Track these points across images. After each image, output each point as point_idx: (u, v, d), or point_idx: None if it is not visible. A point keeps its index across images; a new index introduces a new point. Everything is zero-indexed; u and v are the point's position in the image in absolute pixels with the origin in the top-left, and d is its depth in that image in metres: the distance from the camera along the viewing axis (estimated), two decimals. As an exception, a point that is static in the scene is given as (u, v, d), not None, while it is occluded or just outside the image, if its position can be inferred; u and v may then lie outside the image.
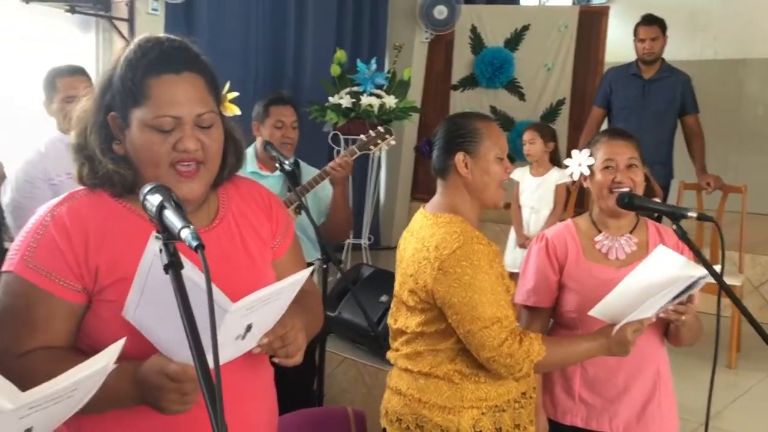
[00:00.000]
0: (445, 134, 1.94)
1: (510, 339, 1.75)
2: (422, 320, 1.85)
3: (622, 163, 2.03)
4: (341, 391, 3.61)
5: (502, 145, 1.91)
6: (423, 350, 1.87)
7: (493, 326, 1.74)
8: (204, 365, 0.88)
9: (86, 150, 1.34)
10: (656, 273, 1.73)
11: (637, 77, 4.45)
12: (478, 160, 1.88)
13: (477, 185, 1.89)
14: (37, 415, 0.91)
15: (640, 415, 2.05)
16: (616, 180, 2.02)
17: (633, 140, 2.08)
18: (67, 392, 0.93)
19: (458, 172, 1.89)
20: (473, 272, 1.75)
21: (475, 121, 1.92)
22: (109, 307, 1.26)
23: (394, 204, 6.37)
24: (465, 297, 1.74)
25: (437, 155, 1.95)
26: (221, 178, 1.44)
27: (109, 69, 1.35)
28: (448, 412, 1.83)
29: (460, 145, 1.89)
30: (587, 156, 2.09)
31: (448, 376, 1.84)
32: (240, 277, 1.38)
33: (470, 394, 1.83)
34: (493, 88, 6.43)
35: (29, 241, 1.29)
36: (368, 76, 5.01)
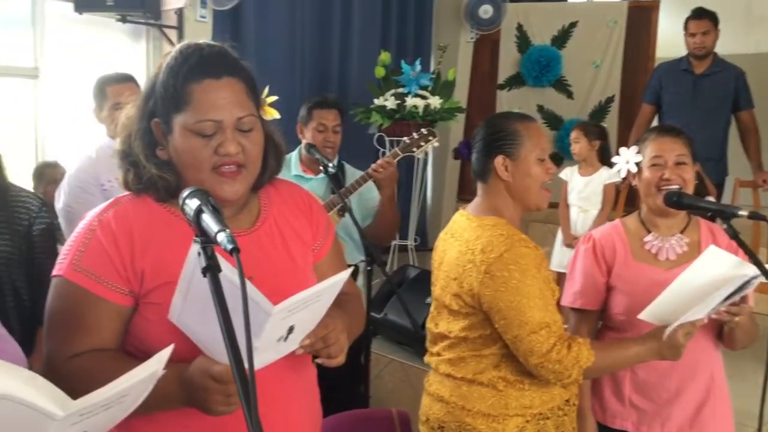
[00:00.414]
0: (484, 137, 1.91)
1: (559, 345, 1.72)
2: (466, 325, 1.83)
3: (670, 160, 1.98)
4: (388, 392, 3.61)
5: (543, 145, 1.87)
6: (466, 355, 1.84)
7: (541, 331, 1.71)
8: (240, 366, 0.89)
9: (131, 156, 1.38)
10: (708, 273, 1.68)
11: (688, 72, 4.34)
12: (519, 162, 1.85)
13: (518, 188, 1.86)
14: (88, 421, 0.93)
15: (693, 420, 1.99)
16: (665, 177, 1.97)
17: (683, 137, 2.02)
18: (118, 398, 0.95)
19: (498, 176, 1.86)
20: (521, 276, 1.72)
21: (515, 122, 1.88)
22: (155, 310, 1.29)
23: (440, 205, 6.35)
24: (513, 301, 1.71)
25: (477, 158, 1.93)
26: (262, 181, 1.46)
27: (153, 76, 1.38)
28: (492, 419, 1.80)
29: (500, 148, 1.86)
30: (635, 153, 2.04)
31: (492, 383, 1.82)
32: (282, 279, 1.39)
33: (515, 401, 1.81)
34: (540, 87, 6.35)
35: (78, 246, 1.32)
36: (413, 78, 5.00)
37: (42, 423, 0.87)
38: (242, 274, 0.92)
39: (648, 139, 2.05)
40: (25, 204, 2.58)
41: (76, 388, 1.22)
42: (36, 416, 0.86)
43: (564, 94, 6.35)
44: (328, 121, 3.05)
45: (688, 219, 2.07)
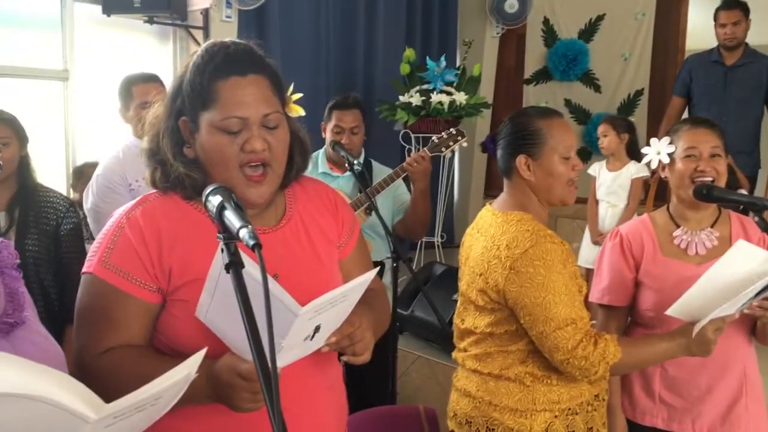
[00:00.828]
0: (507, 135, 1.90)
1: (585, 341, 1.70)
2: (492, 320, 1.82)
3: (705, 152, 1.95)
4: (415, 389, 3.60)
5: (567, 143, 1.83)
6: (493, 351, 1.84)
7: (567, 327, 1.70)
8: (263, 364, 0.89)
9: (158, 155, 1.39)
10: (737, 268, 1.65)
11: (718, 64, 4.26)
12: (541, 162, 1.82)
13: (541, 187, 1.84)
14: (122, 423, 0.94)
15: (725, 417, 1.96)
16: (699, 169, 1.93)
17: (717, 129, 1.99)
18: (151, 401, 0.96)
19: (521, 175, 1.85)
20: (546, 272, 1.70)
21: (537, 120, 1.85)
22: (183, 307, 1.31)
23: (467, 201, 6.32)
24: (538, 297, 1.70)
25: (501, 156, 1.91)
26: (288, 178, 1.46)
27: (179, 75, 1.40)
28: (519, 415, 1.79)
29: (522, 148, 1.84)
30: (667, 144, 2.01)
31: (519, 378, 1.80)
32: (308, 276, 1.40)
33: (542, 396, 1.79)
34: (568, 81, 6.28)
35: (107, 243, 1.34)
36: (438, 74, 4.98)
37: (75, 425, 0.88)
38: (264, 270, 0.92)
39: (681, 130, 2.01)
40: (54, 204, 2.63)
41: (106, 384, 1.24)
42: (70, 419, 0.86)
43: (592, 87, 6.28)
44: (344, 123, 3.03)
45: (719, 212, 2.03)
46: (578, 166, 1.85)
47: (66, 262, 2.57)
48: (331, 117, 3.07)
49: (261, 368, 0.88)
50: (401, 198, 3.10)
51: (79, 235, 2.70)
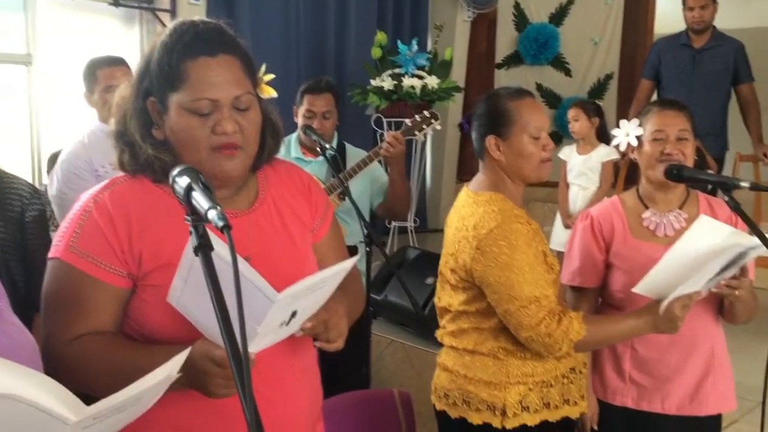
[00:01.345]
0: (479, 116, 1.91)
1: (548, 318, 1.73)
2: (464, 299, 1.85)
3: (672, 135, 1.96)
4: (389, 374, 3.61)
5: (537, 123, 1.84)
6: (467, 328, 1.87)
7: (530, 306, 1.72)
8: (234, 348, 0.88)
9: (126, 136, 1.35)
10: (701, 244, 1.67)
11: (687, 47, 4.29)
12: (510, 142, 1.84)
13: (512, 166, 1.86)
14: (101, 424, 0.92)
15: (693, 395, 1.99)
16: (666, 152, 1.94)
17: (685, 111, 2.00)
18: (132, 401, 0.94)
19: (492, 156, 1.86)
20: (510, 251, 1.73)
21: (507, 101, 1.86)
22: (154, 292, 1.28)
23: (440, 186, 6.32)
24: (502, 276, 1.73)
25: (474, 137, 1.93)
26: (260, 161, 1.44)
27: (147, 54, 1.36)
28: (494, 387, 1.82)
29: (491, 128, 1.86)
30: (636, 126, 2.02)
31: (492, 353, 1.84)
32: (281, 260, 1.38)
33: (516, 369, 1.82)
34: (539, 65, 6.32)
35: (74, 228, 1.30)
36: (409, 57, 4.96)
37: (54, 427, 0.86)
38: (233, 251, 0.90)
39: (650, 113, 2.02)
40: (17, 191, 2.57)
41: (76, 372, 1.22)
42: (49, 421, 0.85)
43: (562, 71, 6.32)
44: (316, 108, 2.98)
45: (687, 194, 2.04)
46: (549, 146, 1.86)
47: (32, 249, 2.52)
48: (303, 101, 3.02)
49: (232, 353, 0.87)
50: (379, 180, 3.08)
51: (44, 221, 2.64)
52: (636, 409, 2.02)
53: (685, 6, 4.27)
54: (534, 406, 1.82)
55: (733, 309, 1.92)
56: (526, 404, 1.81)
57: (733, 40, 4.27)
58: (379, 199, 3.05)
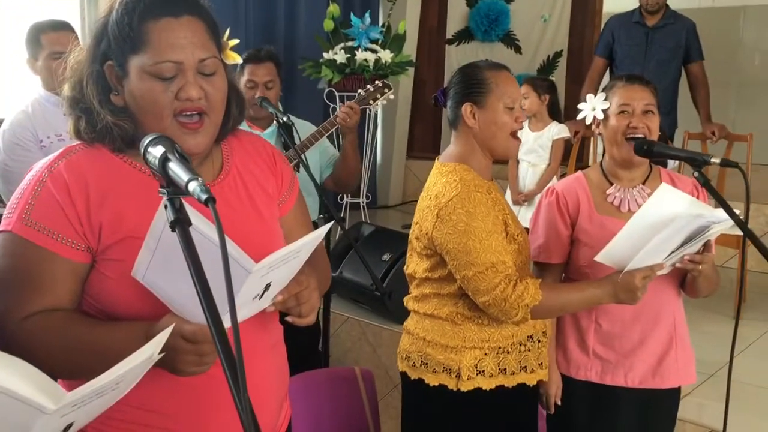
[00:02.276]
0: (455, 85, 1.95)
1: (503, 283, 1.77)
2: (428, 266, 1.90)
3: (638, 109, 1.96)
4: (345, 351, 3.58)
5: (511, 94, 1.89)
6: (429, 293, 1.93)
7: (487, 271, 1.77)
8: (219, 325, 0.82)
9: (82, 103, 1.27)
10: (660, 212, 1.68)
11: (640, 25, 4.33)
12: (486, 110, 1.88)
13: (485, 135, 1.89)
14: (80, 410, 0.88)
15: (656, 368, 2.02)
16: (632, 125, 1.95)
17: (650, 86, 2.02)
18: (111, 386, 0.90)
19: (467, 123, 1.89)
20: (468, 219, 1.78)
21: (485, 70, 1.91)
22: (115, 267, 1.21)
23: (390, 162, 6.28)
24: (460, 243, 1.78)
25: (449, 106, 1.95)
26: (225, 131, 1.37)
27: (104, 15, 1.27)
28: (450, 351, 1.88)
29: (468, 96, 1.89)
30: (602, 100, 2.02)
31: (450, 318, 1.89)
32: (249, 233, 1.32)
33: (473, 335, 1.88)
34: (489, 42, 6.31)
35: (27, 199, 1.22)
36: (362, 31, 4.88)
37: (31, 416, 0.81)
38: (220, 226, 0.84)
39: (615, 87, 2.02)
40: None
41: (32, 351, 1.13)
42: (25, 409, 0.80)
43: (512, 48, 6.33)
44: (258, 77, 2.88)
45: (650, 170, 2.06)
46: (521, 118, 1.90)
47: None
48: (244, 71, 2.91)
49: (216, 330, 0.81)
50: (329, 152, 3.04)
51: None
52: (600, 383, 2.04)
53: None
54: (489, 371, 1.87)
55: (696, 283, 1.95)
56: (481, 368, 1.86)
57: (685, 18, 4.32)
58: (329, 172, 3.02)
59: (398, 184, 6.31)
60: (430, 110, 6.43)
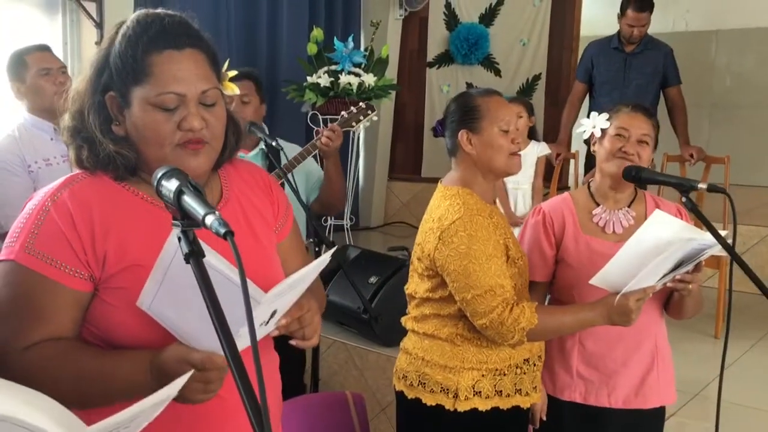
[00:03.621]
0: (450, 115, 2.01)
1: (501, 307, 1.80)
2: (429, 287, 1.93)
3: (634, 136, 2.02)
4: (332, 374, 3.57)
5: (504, 117, 1.94)
6: (429, 313, 1.95)
7: (486, 294, 1.80)
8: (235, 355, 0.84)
9: (84, 132, 1.29)
10: (655, 237, 1.73)
11: (618, 51, 4.42)
12: (481, 135, 1.93)
13: (483, 160, 1.94)
14: None
15: (638, 388, 2.05)
16: (624, 149, 2.01)
17: (653, 119, 2.08)
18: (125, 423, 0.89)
19: (464, 150, 1.94)
20: (469, 242, 1.81)
21: (476, 97, 1.98)
22: (119, 295, 1.22)
23: (372, 184, 6.32)
24: (460, 266, 1.82)
25: (447, 135, 2.01)
26: (222, 159, 1.39)
27: (105, 47, 1.29)
28: (449, 371, 1.90)
29: (463, 124, 1.95)
30: (604, 120, 2.09)
31: (450, 338, 1.92)
32: (249, 260, 1.32)
33: (471, 356, 1.90)
34: (469, 65, 6.39)
35: (30, 228, 1.22)
36: (346, 54, 4.93)
37: None
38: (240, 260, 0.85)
39: (620, 112, 2.09)
40: None
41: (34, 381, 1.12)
42: None
43: (492, 71, 6.41)
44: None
45: (635, 193, 2.11)
46: (517, 139, 1.95)
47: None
48: None
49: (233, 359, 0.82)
50: (315, 174, 3.04)
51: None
52: (584, 403, 2.06)
53: (623, 19, 4.30)
54: (486, 392, 1.89)
55: (683, 304, 1.99)
56: (478, 389, 1.89)
57: (662, 44, 4.42)
58: (315, 194, 3.02)
59: (380, 206, 6.34)
60: (411, 132, 6.49)
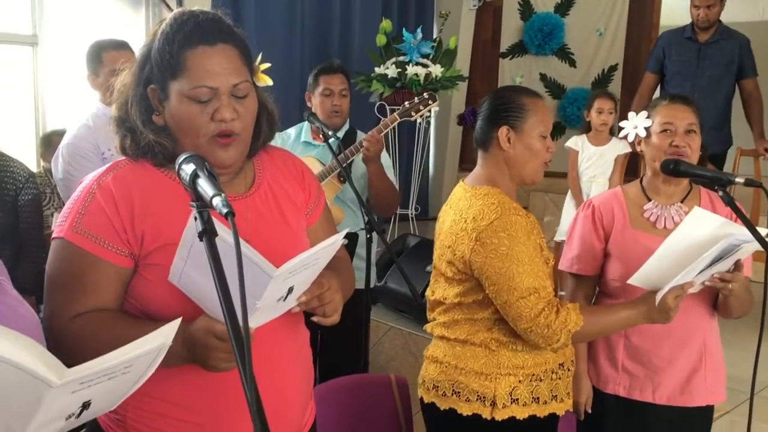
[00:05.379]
0: (491, 106, 1.92)
1: (547, 310, 1.75)
2: (460, 291, 1.86)
3: (681, 128, 1.98)
4: (388, 359, 3.65)
5: (547, 123, 1.88)
6: (460, 319, 1.88)
7: (530, 297, 1.74)
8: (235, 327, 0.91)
9: (128, 122, 1.39)
10: (694, 235, 1.70)
11: (692, 41, 4.29)
12: (522, 135, 1.86)
13: (518, 160, 1.88)
14: (91, 390, 0.92)
15: (684, 386, 2.02)
16: (674, 144, 1.97)
17: (693, 106, 2.03)
18: (121, 369, 0.94)
19: (500, 146, 1.87)
20: (510, 243, 1.75)
21: (523, 96, 1.90)
22: (155, 271, 1.32)
23: (442, 175, 6.35)
24: (502, 268, 1.74)
25: (481, 126, 1.94)
26: (256, 147, 1.48)
27: (147, 43, 1.40)
28: (485, 378, 1.83)
29: (505, 119, 1.87)
30: (644, 118, 2.04)
31: (485, 344, 1.84)
32: (277, 242, 1.43)
33: (507, 361, 1.83)
34: (543, 55, 6.31)
35: (78, 209, 1.34)
36: (414, 46, 4.97)
37: (38, 389, 0.86)
38: (237, 237, 0.93)
39: (659, 106, 2.04)
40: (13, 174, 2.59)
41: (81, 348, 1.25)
42: (31, 381, 0.85)
43: (567, 62, 6.31)
44: (334, 86, 3.03)
45: (690, 188, 2.07)
46: (552, 148, 1.89)
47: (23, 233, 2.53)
48: (319, 82, 3.07)
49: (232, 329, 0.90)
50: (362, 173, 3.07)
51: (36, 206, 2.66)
52: (627, 397, 2.05)
53: (691, 3, 4.25)
54: (523, 399, 1.82)
55: (728, 303, 1.95)
56: (516, 396, 1.82)
57: (738, 34, 4.26)
58: (366, 193, 3.05)
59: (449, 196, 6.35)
60: (483, 123, 6.46)
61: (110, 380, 0.94)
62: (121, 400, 1.05)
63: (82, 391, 0.91)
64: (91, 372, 0.89)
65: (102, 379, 0.92)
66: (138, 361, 0.97)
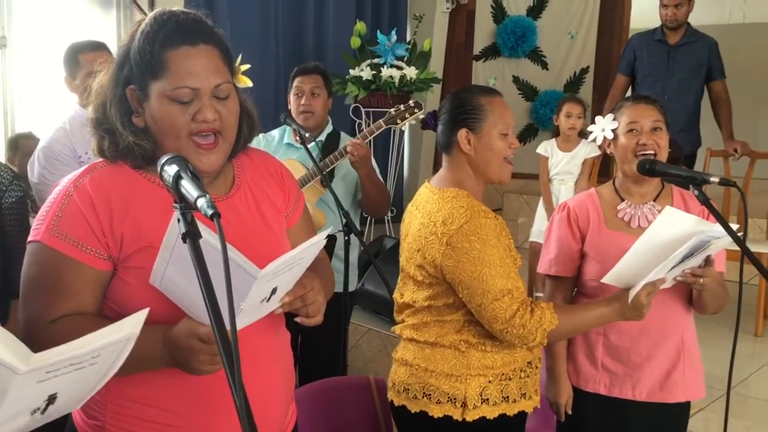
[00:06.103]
0: (449, 110, 1.92)
1: (522, 310, 1.76)
2: (430, 294, 1.86)
3: (646, 126, 2.01)
4: (365, 361, 3.65)
5: (506, 120, 1.88)
6: (429, 321, 1.88)
7: (504, 298, 1.75)
8: (221, 329, 0.91)
9: (105, 124, 1.37)
10: (666, 234, 1.72)
11: (661, 43, 4.35)
12: (481, 136, 1.86)
13: (481, 161, 1.88)
14: (58, 380, 0.90)
15: (663, 382, 2.04)
16: (641, 143, 2.00)
17: (657, 104, 2.06)
18: (88, 358, 0.92)
19: (461, 149, 1.87)
20: (481, 246, 1.75)
21: (479, 96, 1.89)
22: (136, 274, 1.30)
23: (417, 177, 6.36)
24: (474, 271, 1.75)
25: (442, 130, 1.93)
26: (236, 149, 1.47)
27: (126, 43, 1.38)
28: (455, 380, 1.83)
29: (464, 122, 1.87)
30: (611, 120, 2.07)
31: (454, 345, 1.85)
32: (258, 243, 1.42)
33: (477, 362, 1.84)
34: (516, 58, 6.36)
35: (54, 211, 1.32)
36: (388, 48, 4.98)
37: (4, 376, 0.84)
38: (223, 239, 0.93)
39: (623, 107, 2.07)
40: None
41: None
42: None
43: (539, 64, 6.37)
44: (304, 85, 3.05)
45: (662, 187, 2.10)
46: (514, 145, 1.90)
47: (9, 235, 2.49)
48: (293, 83, 3.10)
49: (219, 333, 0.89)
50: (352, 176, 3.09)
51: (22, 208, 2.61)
52: (608, 395, 2.07)
53: (660, 2, 4.32)
54: (493, 399, 1.84)
55: (702, 298, 1.97)
56: (486, 396, 1.83)
57: (706, 37, 4.34)
58: (359, 195, 3.08)
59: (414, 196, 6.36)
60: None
61: (77, 371, 0.92)
62: (88, 397, 1.03)
63: (48, 382, 0.89)
64: (57, 360, 0.87)
65: (69, 368, 0.90)
66: (105, 351, 0.94)
